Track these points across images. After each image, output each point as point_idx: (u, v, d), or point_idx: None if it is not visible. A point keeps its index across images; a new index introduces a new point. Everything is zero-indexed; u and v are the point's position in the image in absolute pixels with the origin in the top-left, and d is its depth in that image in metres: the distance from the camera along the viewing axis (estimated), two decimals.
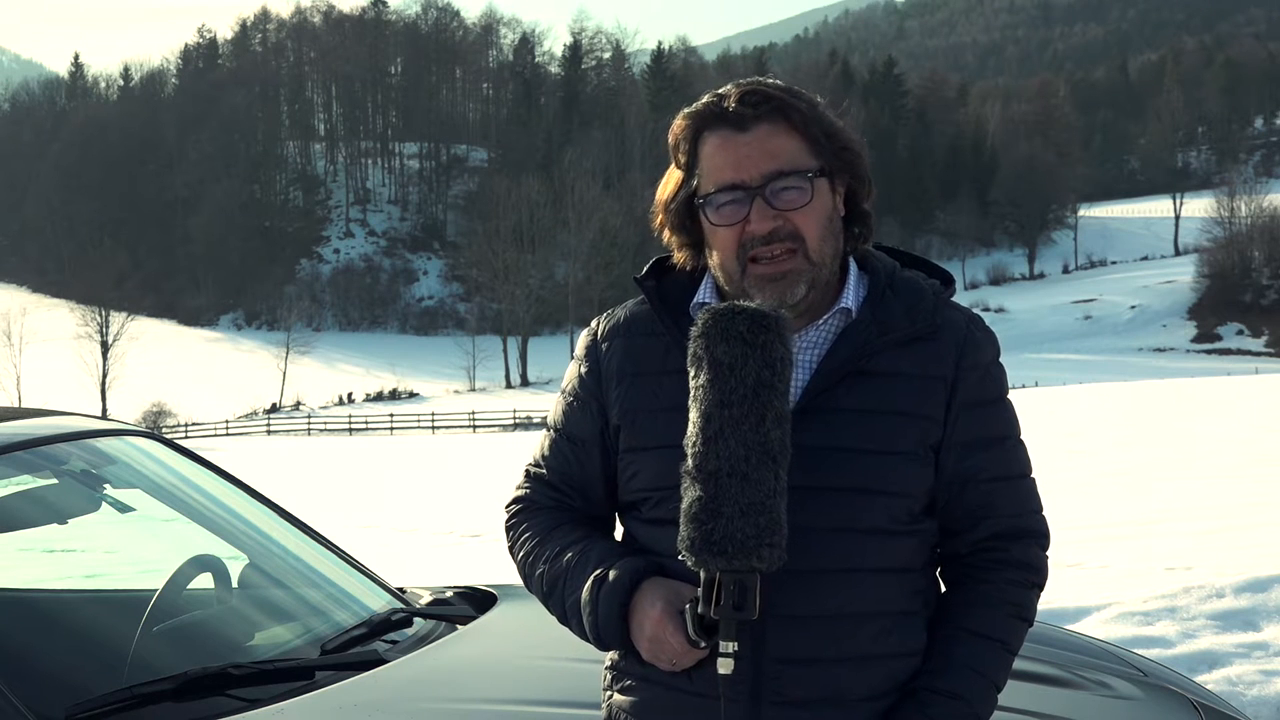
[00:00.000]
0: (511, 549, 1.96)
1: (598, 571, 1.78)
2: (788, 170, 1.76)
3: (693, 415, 1.64)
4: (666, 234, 1.89)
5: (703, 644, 1.66)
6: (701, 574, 1.61)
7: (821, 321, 1.82)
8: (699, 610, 1.63)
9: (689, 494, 1.61)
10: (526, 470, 1.99)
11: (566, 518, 1.92)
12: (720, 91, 1.83)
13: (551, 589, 1.86)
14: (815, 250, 1.78)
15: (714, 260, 1.83)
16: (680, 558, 1.62)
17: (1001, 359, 1.91)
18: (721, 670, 1.62)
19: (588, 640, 1.81)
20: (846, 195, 1.85)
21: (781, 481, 1.60)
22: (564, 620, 1.86)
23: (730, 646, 1.62)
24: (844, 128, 1.84)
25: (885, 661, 1.77)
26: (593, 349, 1.92)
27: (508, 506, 2.00)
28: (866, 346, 1.79)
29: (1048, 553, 1.90)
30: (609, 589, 1.75)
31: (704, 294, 1.86)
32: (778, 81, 1.84)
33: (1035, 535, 1.88)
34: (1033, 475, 1.90)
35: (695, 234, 1.85)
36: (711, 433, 1.60)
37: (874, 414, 1.77)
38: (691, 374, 1.66)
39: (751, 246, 1.77)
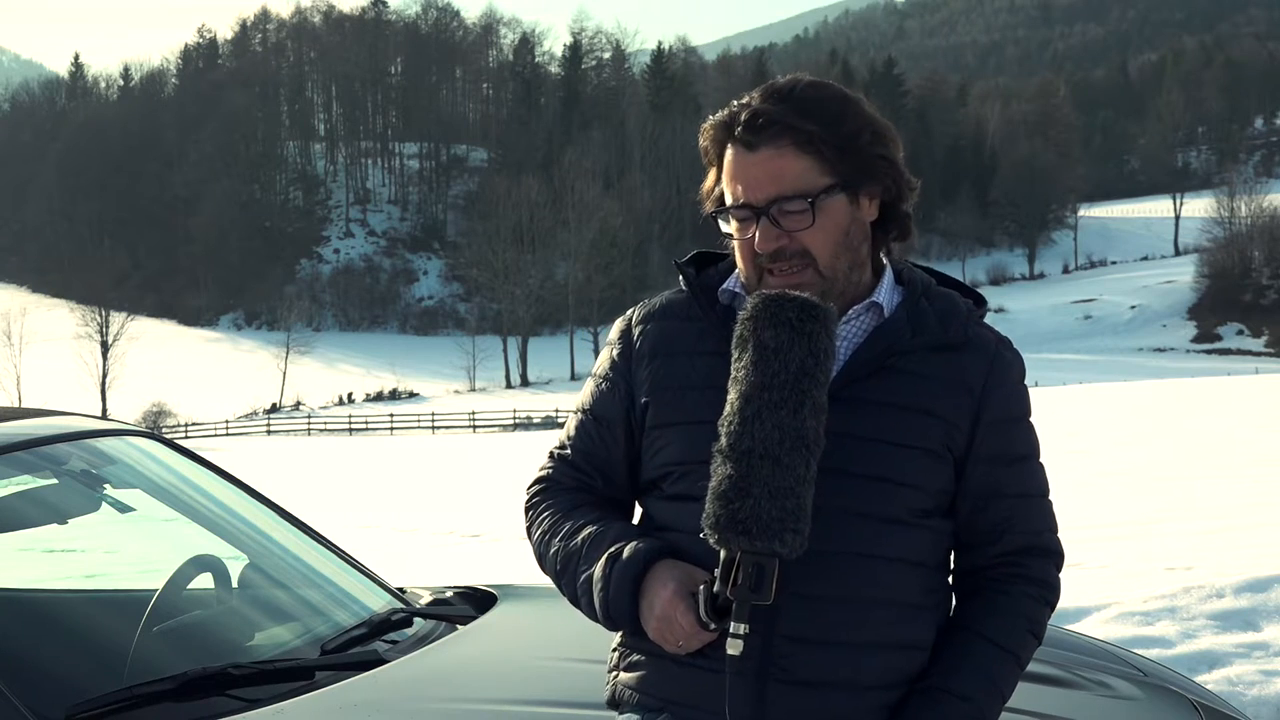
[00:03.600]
0: (529, 528, 1.97)
1: (612, 549, 1.80)
2: (790, 194, 1.78)
3: (731, 395, 1.66)
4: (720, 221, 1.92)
5: (713, 626, 1.67)
6: (722, 553, 1.63)
7: (853, 314, 1.85)
8: (714, 590, 1.65)
9: (719, 471, 1.63)
10: (550, 452, 2.01)
11: (586, 499, 1.94)
12: (740, 102, 1.83)
13: (564, 567, 1.87)
14: (827, 266, 1.80)
15: (739, 264, 1.87)
16: (702, 534, 1.63)
17: None
18: (730, 651, 1.64)
19: (596, 619, 1.83)
20: (884, 198, 1.86)
21: (812, 471, 1.63)
22: (574, 600, 1.87)
23: (742, 629, 1.63)
24: (876, 135, 1.82)
25: (893, 651, 1.79)
26: (626, 333, 1.95)
27: (529, 487, 2.01)
28: (899, 344, 1.83)
29: (1061, 572, 1.94)
30: (622, 566, 1.77)
31: (733, 283, 1.89)
32: (808, 88, 1.81)
33: (1053, 554, 1.92)
34: (1050, 496, 1.94)
35: None
36: (750, 413, 1.63)
37: (899, 408, 1.80)
38: (735, 355, 1.68)
39: (764, 261, 1.80)
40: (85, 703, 2.31)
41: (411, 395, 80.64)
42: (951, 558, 1.92)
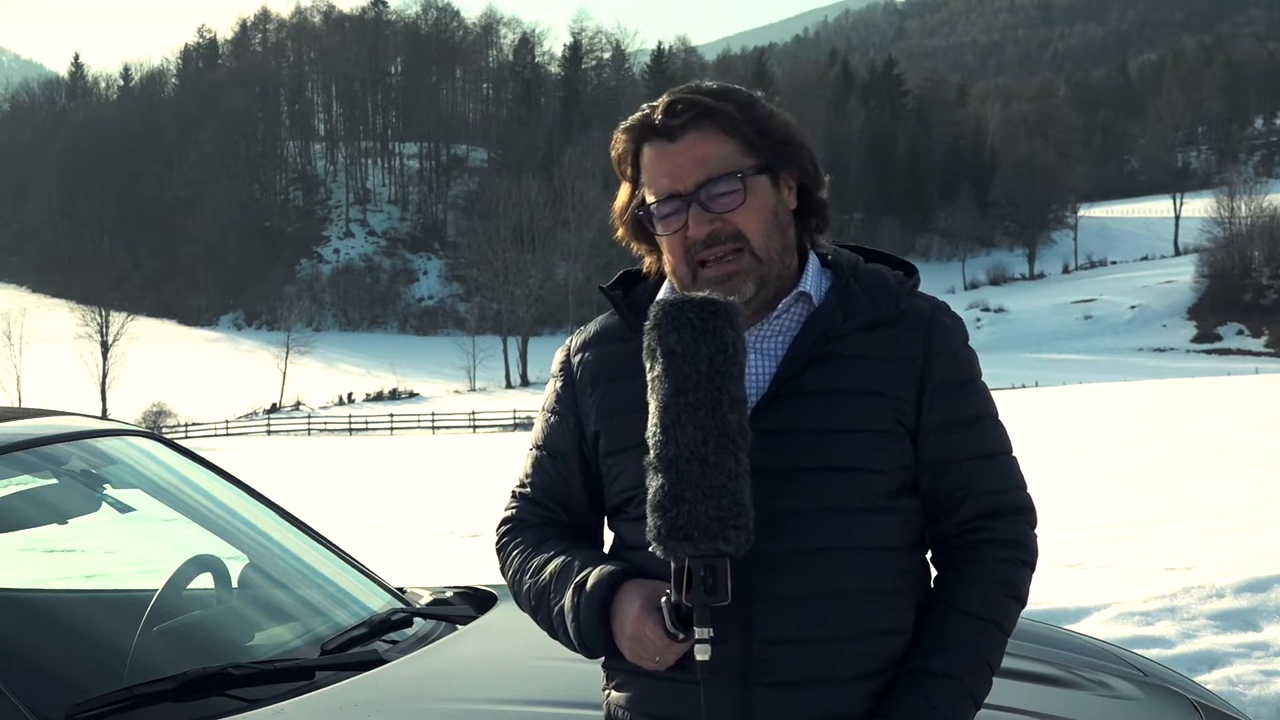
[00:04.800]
0: (502, 569, 1.98)
1: (577, 579, 1.80)
2: (718, 174, 1.80)
3: (651, 407, 1.67)
4: (633, 244, 1.94)
5: (681, 636, 1.67)
6: (672, 563, 1.63)
7: (783, 308, 1.85)
8: (673, 600, 1.65)
9: (652, 484, 1.63)
10: (512, 491, 2.01)
11: (552, 533, 1.94)
12: (652, 103, 1.86)
13: (538, 603, 1.87)
14: (760, 247, 1.81)
15: (669, 268, 1.87)
16: (650, 549, 1.63)
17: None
18: (699, 657, 1.63)
19: (575, 650, 1.83)
20: (799, 188, 1.88)
21: (743, 464, 1.62)
22: (552, 633, 1.87)
23: (706, 633, 1.62)
24: (784, 122, 1.87)
25: (874, 640, 1.78)
26: (566, 364, 1.96)
27: (497, 529, 2.02)
28: (832, 330, 1.82)
29: (1036, 530, 1.90)
30: (589, 595, 1.77)
31: (668, 295, 1.89)
32: (713, 84, 1.86)
33: (1020, 511, 1.88)
34: (1013, 454, 1.90)
35: (653, 241, 1.90)
36: (669, 421, 1.63)
37: (843, 394, 1.79)
38: (647, 366, 1.69)
39: (697, 251, 1.81)
40: (85, 703, 2.31)
41: (411, 395, 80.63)
42: (923, 534, 1.89)
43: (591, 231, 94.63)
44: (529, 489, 1.97)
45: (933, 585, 1.87)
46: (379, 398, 79.61)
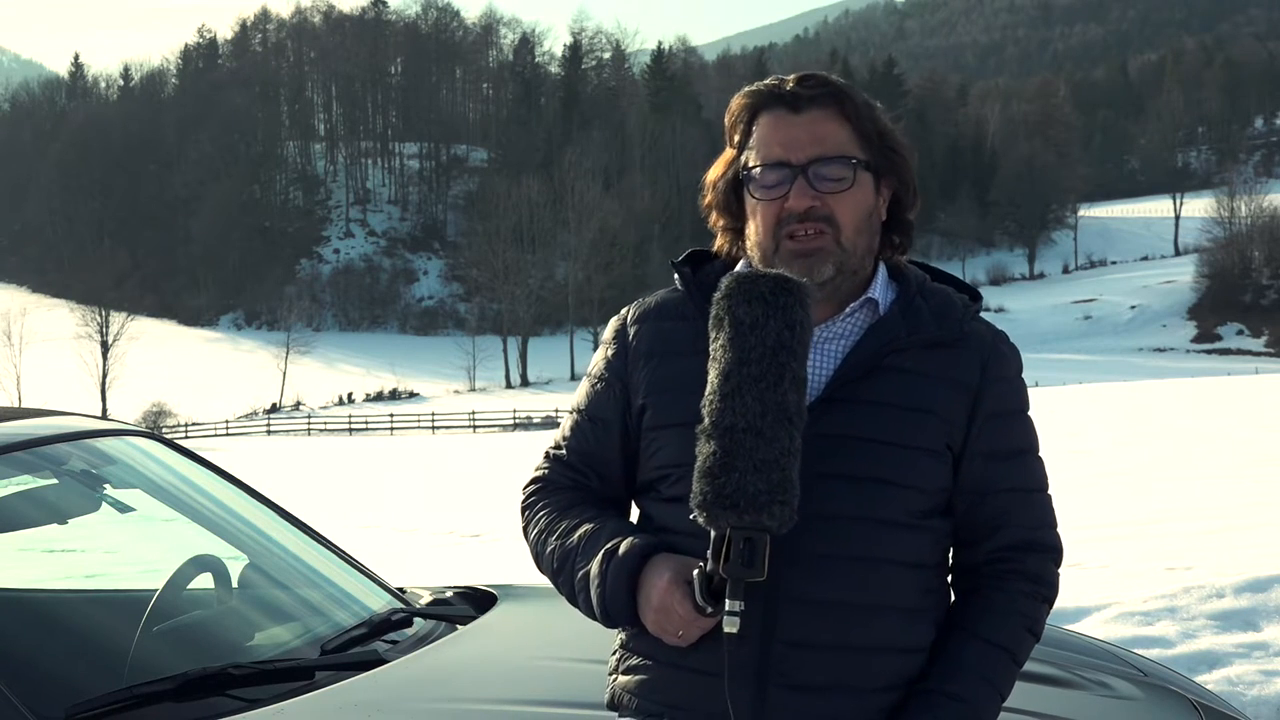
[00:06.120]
0: (525, 528, 1.97)
1: (608, 545, 1.80)
2: (832, 155, 1.81)
3: (711, 375, 1.67)
4: (713, 215, 1.94)
5: (709, 610, 1.67)
6: (712, 532, 1.63)
7: (848, 312, 1.85)
8: (707, 570, 1.65)
9: (703, 450, 1.63)
10: (546, 452, 2.01)
11: (582, 497, 1.94)
12: (782, 76, 1.89)
13: (562, 565, 1.87)
14: (848, 238, 1.82)
15: (751, 238, 1.87)
16: (692, 517, 1.63)
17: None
18: (727, 629, 1.63)
19: (594, 618, 1.82)
20: (892, 201, 1.89)
21: (796, 443, 1.62)
22: (572, 598, 1.87)
23: (737, 605, 1.62)
24: (895, 132, 1.89)
25: (892, 655, 1.79)
26: (621, 333, 1.95)
27: (525, 487, 2.01)
28: (894, 342, 1.83)
29: (1059, 569, 1.92)
30: (619, 562, 1.77)
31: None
32: (839, 79, 1.90)
33: (1050, 550, 1.90)
34: (1049, 492, 1.93)
35: (739, 215, 1.90)
36: (729, 389, 1.63)
37: (896, 408, 1.80)
38: (712, 336, 1.69)
39: (788, 223, 1.81)
40: (85, 703, 2.31)
41: (411, 395, 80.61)
42: (949, 555, 1.91)
43: (591, 231, 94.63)
44: (565, 451, 1.97)
45: (953, 608, 1.89)
46: (379, 398, 79.59)
